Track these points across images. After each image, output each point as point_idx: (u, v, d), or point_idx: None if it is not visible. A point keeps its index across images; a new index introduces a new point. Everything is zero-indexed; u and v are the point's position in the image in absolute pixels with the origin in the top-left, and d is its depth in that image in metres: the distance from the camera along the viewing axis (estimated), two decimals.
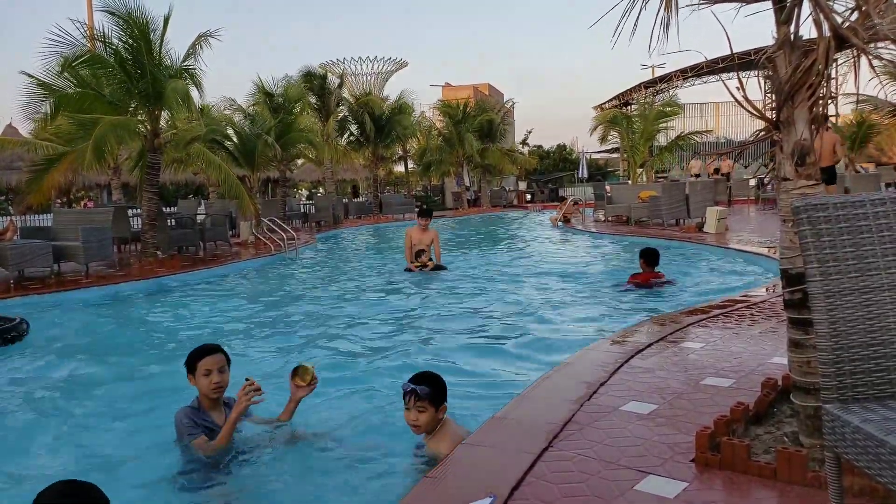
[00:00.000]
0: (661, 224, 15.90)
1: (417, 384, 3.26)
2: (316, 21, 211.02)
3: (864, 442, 1.72)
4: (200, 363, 3.51)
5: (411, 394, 3.26)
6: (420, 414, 3.26)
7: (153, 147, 12.79)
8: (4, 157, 19.87)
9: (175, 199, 26.96)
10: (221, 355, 3.59)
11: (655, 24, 2.68)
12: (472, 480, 2.71)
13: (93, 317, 8.09)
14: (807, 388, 2.71)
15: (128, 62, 12.11)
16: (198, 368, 3.51)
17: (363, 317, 7.41)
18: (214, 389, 3.51)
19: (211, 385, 3.50)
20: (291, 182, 34.69)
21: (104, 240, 10.70)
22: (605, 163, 52.56)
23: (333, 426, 4.03)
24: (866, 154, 26.43)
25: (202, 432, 3.49)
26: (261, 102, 21.64)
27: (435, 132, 32.94)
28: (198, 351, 3.57)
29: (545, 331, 6.54)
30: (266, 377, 5.24)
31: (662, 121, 24.23)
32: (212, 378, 3.50)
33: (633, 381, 3.88)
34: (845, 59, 2.77)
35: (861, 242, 1.92)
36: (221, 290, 9.84)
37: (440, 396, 3.31)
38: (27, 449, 3.98)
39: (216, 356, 3.56)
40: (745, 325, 5.32)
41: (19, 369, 5.66)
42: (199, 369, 3.51)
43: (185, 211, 17.06)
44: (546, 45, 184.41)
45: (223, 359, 3.59)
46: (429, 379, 3.32)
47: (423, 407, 3.25)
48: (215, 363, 3.53)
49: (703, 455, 2.72)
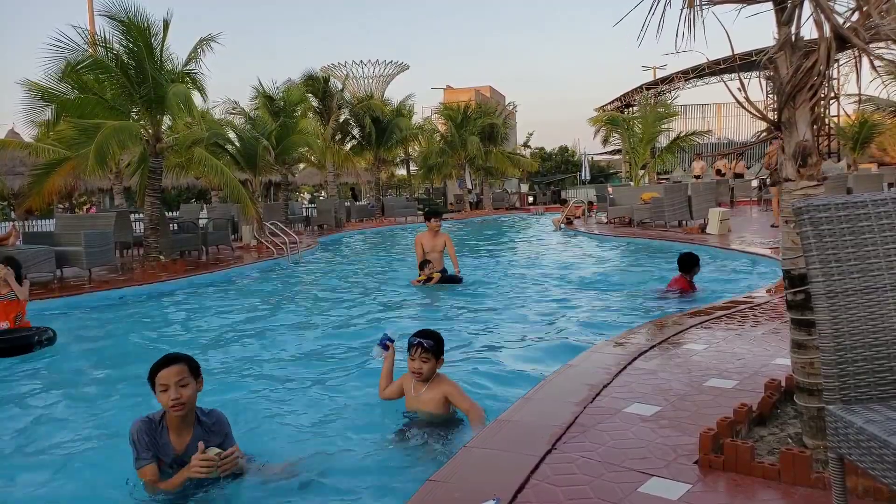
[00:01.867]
0: (664, 225, 15.88)
1: (424, 339, 3.86)
2: (316, 24, 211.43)
3: (868, 443, 1.71)
4: (157, 377, 3.09)
5: (418, 346, 3.85)
6: (424, 364, 3.86)
7: (155, 151, 12.81)
8: (6, 162, 19.91)
9: (177, 204, 27.01)
10: (180, 366, 3.13)
11: (679, 23, 2.66)
12: (476, 483, 2.70)
13: (94, 321, 8.09)
14: (810, 389, 2.71)
15: (129, 67, 12.13)
16: (156, 383, 3.09)
17: (363, 321, 7.42)
18: (173, 407, 3.06)
19: (168, 402, 3.06)
20: (293, 186, 34.74)
21: (107, 245, 10.72)
22: (607, 164, 52.54)
23: (333, 429, 4.04)
24: (868, 154, 26.40)
25: (152, 459, 3.12)
26: (261, 106, 21.68)
27: (437, 135, 32.94)
28: (155, 363, 3.14)
29: (547, 333, 6.54)
30: (266, 377, 5.29)
31: (662, 122, 24.20)
32: (169, 394, 3.05)
33: (636, 383, 3.88)
34: (847, 60, 2.76)
35: (863, 243, 1.91)
36: (223, 295, 9.84)
37: (440, 350, 3.94)
38: (25, 450, 3.99)
39: (173, 368, 3.10)
40: (747, 326, 5.31)
41: (27, 374, 5.68)
42: (157, 384, 3.09)
43: (188, 215, 17.09)
44: (548, 47, 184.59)
45: (183, 370, 3.12)
46: (432, 335, 3.94)
47: (427, 358, 3.86)
48: (173, 376, 3.08)
49: (707, 457, 2.71)
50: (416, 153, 34.90)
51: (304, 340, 6.65)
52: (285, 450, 3.74)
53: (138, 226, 15.11)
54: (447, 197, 36.32)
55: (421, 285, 9.11)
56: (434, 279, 9.11)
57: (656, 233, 14.81)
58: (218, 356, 6.07)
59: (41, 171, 12.98)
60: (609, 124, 25.55)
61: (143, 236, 13.11)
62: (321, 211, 23.74)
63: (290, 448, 3.78)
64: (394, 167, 39.29)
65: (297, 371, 5.51)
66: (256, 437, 3.95)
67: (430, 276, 9.11)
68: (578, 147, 55.18)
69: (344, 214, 24.50)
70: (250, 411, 4.45)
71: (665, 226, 15.83)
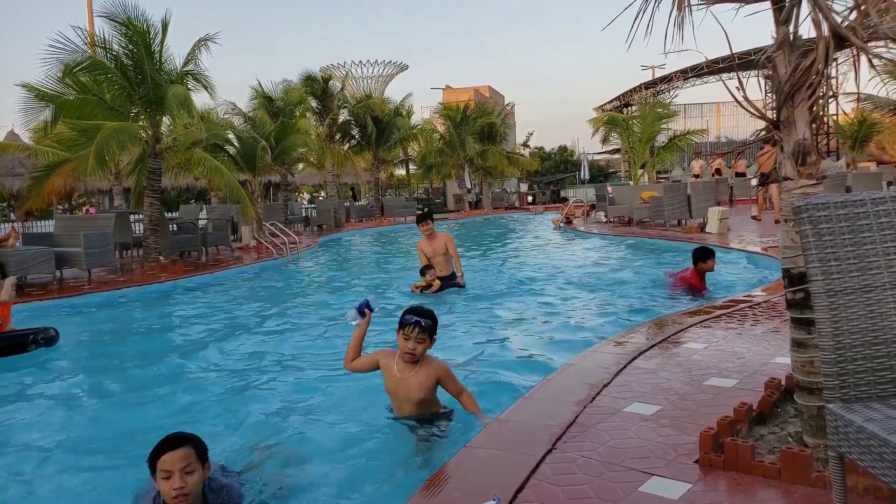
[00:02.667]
0: (663, 224, 15.89)
1: (421, 318, 3.61)
2: (316, 24, 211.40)
3: (868, 441, 1.72)
4: (159, 462, 2.62)
5: (415, 326, 3.59)
6: (419, 344, 3.63)
7: (154, 152, 12.81)
8: (6, 164, 19.92)
9: (177, 205, 27.00)
10: (186, 450, 2.64)
11: (669, 23, 2.67)
12: (476, 483, 2.70)
13: (94, 322, 8.09)
14: (810, 387, 2.71)
15: (128, 68, 12.13)
16: (157, 469, 2.62)
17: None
18: (176, 498, 2.59)
19: (171, 492, 2.58)
20: (293, 186, 34.73)
21: (106, 246, 10.71)
22: (606, 164, 52.57)
23: (333, 429, 4.03)
24: (867, 152, 26.42)
25: None
26: (260, 107, 21.68)
27: (436, 135, 32.95)
28: (158, 445, 2.66)
29: (546, 332, 6.54)
30: (265, 377, 5.29)
31: (661, 122, 24.22)
32: (172, 482, 2.58)
33: (636, 383, 3.88)
34: (845, 59, 2.76)
35: (862, 241, 1.91)
36: (222, 296, 9.84)
37: (435, 330, 3.73)
38: (24, 451, 3.99)
39: (178, 452, 2.62)
40: (747, 325, 5.31)
41: (26, 375, 5.68)
42: (158, 469, 2.61)
43: (187, 216, 17.08)
44: (547, 47, 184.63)
45: (189, 454, 2.63)
46: (430, 314, 3.69)
47: (422, 338, 3.64)
48: (177, 462, 2.60)
49: (707, 456, 2.71)
50: (416, 153, 34.91)
51: (303, 341, 6.65)
52: (284, 450, 3.74)
53: (138, 227, 15.12)
54: (447, 197, 36.32)
55: (420, 293, 8.69)
56: (434, 287, 8.64)
57: (656, 232, 14.82)
58: (217, 356, 6.07)
59: (41, 174, 12.98)
60: (609, 124, 25.59)
61: (143, 237, 13.12)
62: (320, 211, 23.75)
63: (290, 448, 3.77)
64: (393, 167, 39.29)
65: (296, 371, 5.52)
66: (255, 438, 3.95)
67: (430, 284, 8.68)
68: (577, 146, 55.28)
69: (343, 215, 24.51)
70: (248, 411, 4.45)
71: (664, 225, 15.84)
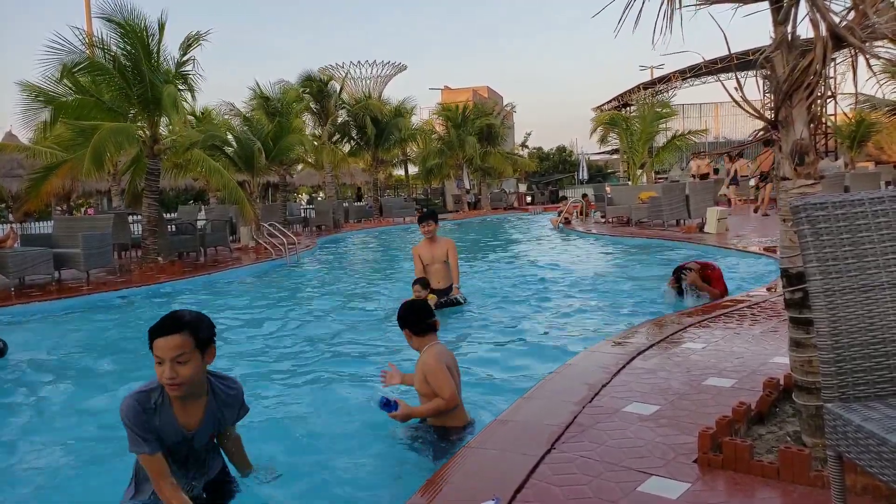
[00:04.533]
0: (662, 224, 15.90)
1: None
2: (316, 24, 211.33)
3: (866, 440, 1.72)
4: (153, 345, 2.48)
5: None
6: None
7: (153, 153, 12.80)
8: (4, 165, 19.90)
9: (175, 205, 26.99)
10: (182, 338, 2.47)
11: (658, 16, 2.67)
12: (475, 483, 2.71)
13: (94, 322, 8.09)
14: (808, 387, 2.71)
15: (126, 68, 12.13)
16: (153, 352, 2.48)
17: (360, 325, 7.37)
18: (170, 386, 2.46)
19: (163, 379, 2.45)
20: (291, 187, 34.72)
21: (105, 246, 10.70)
22: (604, 164, 52.63)
23: (332, 429, 4.03)
24: (865, 152, 26.45)
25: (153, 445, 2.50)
26: (258, 107, 21.68)
27: (435, 136, 32.96)
28: (154, 325, 2.52)
29: (545, 332, 6.54)
30: (264, 377, 5.28)
31: (660, 121, 24.24)
32: (163, 370, 2.44)
33: (634, 383, 3.88)
34: (843, 59, 2.77)
35: (860, 241, 1.92)
36: (221, 296, 9.83)
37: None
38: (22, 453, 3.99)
39: (172, 339, 2.46)
40: (746, 325, 5.31)
41: (22, 374, 5.67)
42: (154, 354, 2.48)
43: (186, 216, 17.06)
44: (546, 48, 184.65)
45: (185, 343, 2.47)
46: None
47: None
48: (169, 350, 2.44)
49: (706, 455, 2.71)
50: (415, 154, 34.93)
51: (301, 341, 6.65)
52: (283, 451, 3.74)
53: (136, 227, 15.11)
54: (445, 197, 36.34)
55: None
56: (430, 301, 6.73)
57: (654, 232, 14.82)
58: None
59: (39, 175, 12.96)
60: (609, 124, 25.63)
61: (141, 238, 13.10)
62: (319, 212, 23.75)
63: (289, 449, 3.77)
64: (392, 168, 39.32)
65: (295, 372, 5.52)
66: (254, 439, 3.95)
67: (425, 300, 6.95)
68: (576, 147, 55.34)
69: (342, 215, 24.51)
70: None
71: (663, 225, 15.85)
